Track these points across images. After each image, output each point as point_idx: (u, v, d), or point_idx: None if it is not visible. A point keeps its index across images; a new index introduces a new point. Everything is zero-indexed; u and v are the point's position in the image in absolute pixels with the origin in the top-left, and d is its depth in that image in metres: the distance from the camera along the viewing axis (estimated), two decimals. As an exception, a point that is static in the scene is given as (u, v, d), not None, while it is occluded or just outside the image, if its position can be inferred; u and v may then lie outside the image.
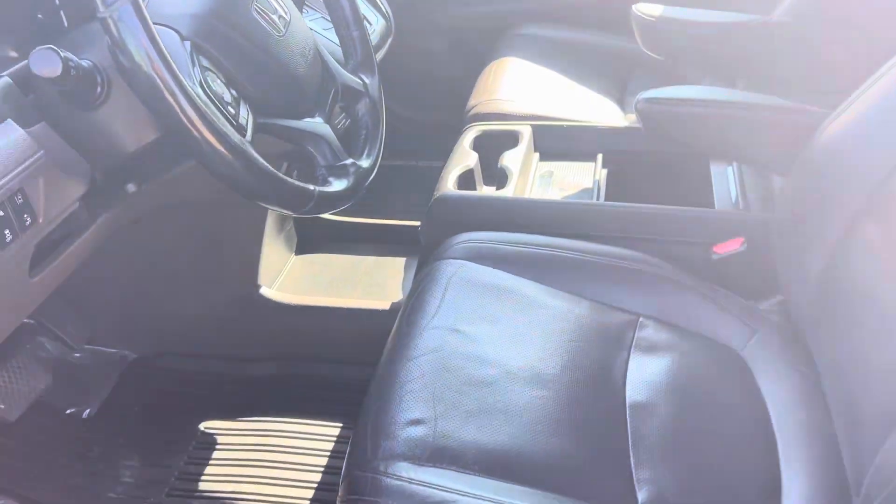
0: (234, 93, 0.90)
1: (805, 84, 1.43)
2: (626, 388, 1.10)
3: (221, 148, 0.81)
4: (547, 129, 1.63)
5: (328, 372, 1.64)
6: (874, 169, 1.02)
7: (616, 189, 1.52)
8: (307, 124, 0.99)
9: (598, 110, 1.76)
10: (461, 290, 1.20)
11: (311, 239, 1.84)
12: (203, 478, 1.45)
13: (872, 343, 0.95)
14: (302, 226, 1.83)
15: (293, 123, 0.98)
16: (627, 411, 1.06)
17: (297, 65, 0.98)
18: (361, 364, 1.58)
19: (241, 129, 0.86)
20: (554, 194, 1.52)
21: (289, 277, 1.74)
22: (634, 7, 1.60)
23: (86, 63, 0.83)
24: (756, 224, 1.30)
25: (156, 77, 0.77)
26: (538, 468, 0.96)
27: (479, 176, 1.54)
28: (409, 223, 1.86)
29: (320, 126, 1.00)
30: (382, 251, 1.83)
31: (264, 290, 1.62)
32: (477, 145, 1.60)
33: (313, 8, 1.42)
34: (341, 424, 1.53)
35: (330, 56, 1.07)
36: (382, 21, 1.57)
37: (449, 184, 1.47)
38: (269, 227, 1.62)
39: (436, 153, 2.18)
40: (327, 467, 1.46)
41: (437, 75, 2.31)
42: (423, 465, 0.94)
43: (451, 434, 0.98)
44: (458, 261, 1.25)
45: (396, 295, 1.67)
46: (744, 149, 1.25)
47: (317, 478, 1.44)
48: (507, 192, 1.46)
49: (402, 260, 1.80)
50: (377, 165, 1.09)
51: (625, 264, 1.26)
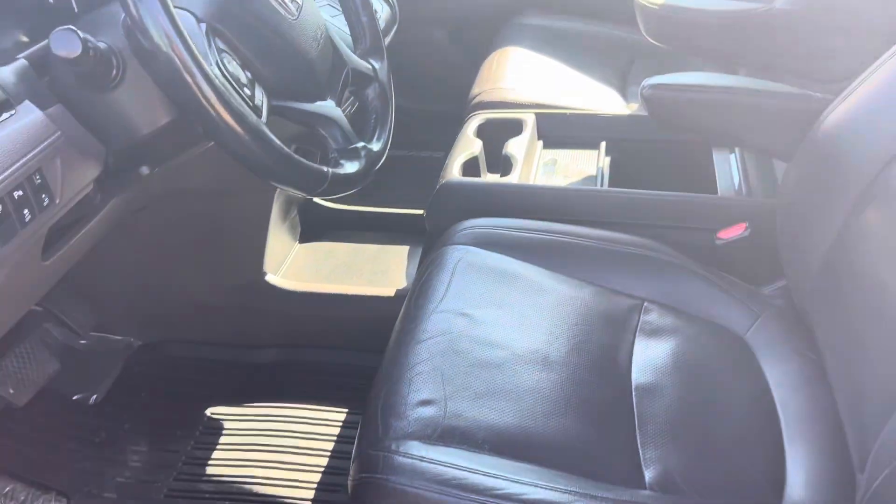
0: (249, 75, 0.91)
1: (807, 72, 1.45)
2: (632, 370, 1.11)
3: (239, 128, 0.82)
4: (550, 117, 1.64)
5: (333, 358, 1.65)
6: (876, 155, 1.04)
7: (619, 176, 1.53)
8: (319, 107, 1.00)
9: (601, 99, 1.77)
10: (468, 275, 1.21)
11: (314, 227, 1.85)
12: (210, 462, 1.46)
13: (875, 326, 0.96)
14: (305, 214, 1.84)
15: (306, 106, 0.99)
16: (633, 393, 1.08)
17: (309, 48, 0.99)
18: (367, 350, 1.59)
19: (257, 111, 0.87)
20: (558, 181, 1.54)
21: (293, 265, 1.75)
22: (637, -5, 1.61)
23: (102, 45, 0.84)
24: (759, 210, 1.31)
25: (175, 57, 0.78)
26: (547, 447, 0.98)
27: (483, 163, 1.56)
28: (412, 211, 1.88)
29: (332, 109, 1.01)
30: (385, 239, 1.84)
31: (270, 278, 1.63)
32: (481, 133, 1.61)
33: (321, -5, 1.43)
34: (347, 410, 1.54)
35: (340, 41, 1.08)
36: (388, 9, 1.58)
37: (454, 171, 1.48)
38: (273, 215, 1.63)
39: (437, 143, 2.19)
40: (334, 451, 1.47)
41: (437, 65, 2.31)
42: (434, 444, 0.95)
43: (461, 414, 0.99)
44: (465, 246, 1.27)
45: (400, 282, 1.68)
46: (748, 134, 1.27)
47: (323, 462, 1.45)
48: (511, 179, 1.47)
49: (405, 248, 1.81)
50: (387, 149, 1.10)
51: (629, 250, 1.27)
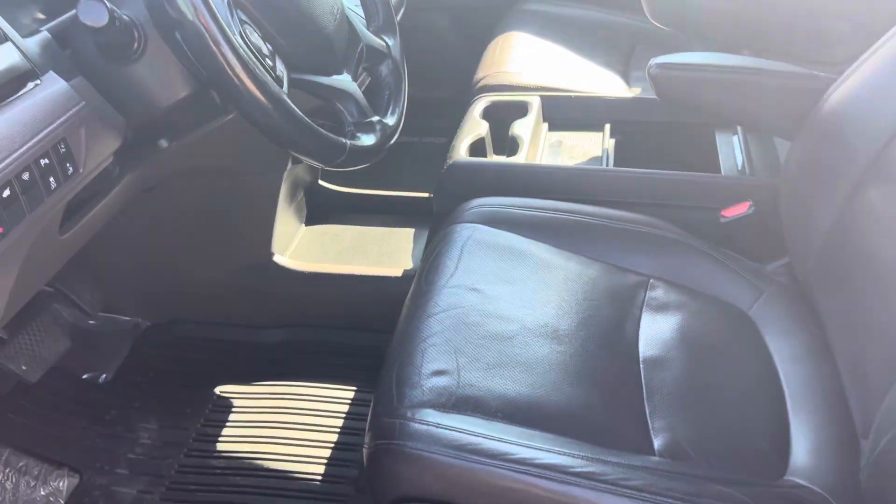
0: (270, 47, 0.92)
1: (809, 56, 1.46)
2: (639, 344, 1.13)
3: (262, 97, 0.84)
4: (555, 99, 1.66)
5: (341, 338, 1.67)
6: (877, 133, 1.06)
7: (624, 158, 1.55)
8: (336, 81, 1.02)
9: (604, 83, 1.79)
10: (477, 252, 1.23)
11: (319, 210, 1.86)
12: (221, 439, 1.48)
13: (877, 299, 0.98)
14: (311, 197, 1.85)
15: (323, 80, 1.00)
16: (641, 365, 1.10)
17: (327, 23, 1.01)
18: (374, 330, 1.62)
19: (278, 82, 0.89)
20: (564, 162, 1.55)
21: (300, 247, 1.76)
22: (643, -23, 1.62)
23: (126, 17, 0.86)
24: (763, 188, 1.33)
25: (201, 26, 0.79)
26: (558, 416, 1.00)
27: (489, 144, 1.57)
28: (416, 194, 1.89)
29: (348, 83, 1.03)
30: (390, 222, 1.85)
31: (277, 258, 1.64)
32: (487, 115, 1.63)
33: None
34: (355, 388, 1.56)
35: (356, 17, 1.10)
36: (395, -9, 1.59)
37: (461, 151, 1.50)
38: (281, 198, 1.64)
39: (439, 129, 2.21)
40: (343, 428, 1.49)
41: (440, 52, 2.32)
42: (448, 412, 0.97)
43: (474, 384, 1.01)
44: (473, 224, 1.29)
45: (407, 263, 1.70)
46: (752, 113, 1.29)
47: (333, 438, 1.47)
48: (518, 160, 1.48)
49: (410, 230, 1.83)
50: (401, 123, 1.12)
51: (635, 228, 1.29)
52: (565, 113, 1.65)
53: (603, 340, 1.12)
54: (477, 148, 1.54)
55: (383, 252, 1.76)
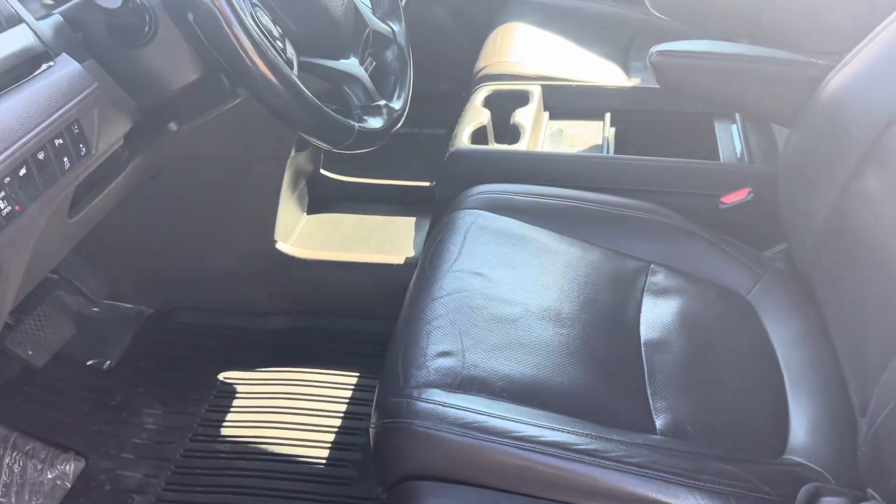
0: (280, 30, 0.94)
1: (807, 44, 1.48)
2: (641, 327, 1.15)
3: (274, 79, 0.85)
4: (556, 88, 1.68)
5: (343, 325, 1.68)
6: (875, 120, 1.07)
7: (624, 146, 1.56)
8: (343, 65, 1.03)
9: (604, 73, 1.80)
10: (480, 238, 1.25)
11: (321, 199, 1.87)
12: (225, 424, 1.50)
13: (874, 283, 1.00)
14: (312, 186, 1.86)
15: (331, 63, 1.02)
16: (642, 348, 1.11)
17: (335, 7, 1.02)
18: (376, 317, 1.63)
19: (289, 64, 0.90)
20: (565, 151, 1.57)
21: (302, 235, 1.78)
22: (643, -33, 1.64)
23: (139, 0, 0.87)
24: (762, 175, 1.35)
25: (215, 8, 0.81)
26: (561, 396, 1.01)
27: (491, 133, 1.59)
28: (417, 183, 1.91)
29: (355, 67, 1.04)
30: (391, 211, 1.87)
31: (280, 246, 1.66)
32: (488, 104, 1.64)
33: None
34: (358, 374, 1.58)
35: (361, 3, 1.11)
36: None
37: (463, 139, 1.51)
38: (284, 186, 1.66)
39: (438, 120, 2.22)
40: (346, 412, 1.50)
41: (438, 43, 2.34)
42: (454, 392, 0.98)
43: (479, 364, 1.03)
44: (476, 210, 1.30)
45: (408, 251, 1.72)
46: (751, 100, 1.30)
47: (336, 422, 1.49)
48: (520, 148, 1.50)
49: (411, 219, 1.84)
50: (407, 107, 1.13)
51: (637, 214, 1.31)
52: (566, 102, 1.67)
53: (605, 324, 1.14)
54: (479, 136, 1.55)
55: (385, 240, 1.77)
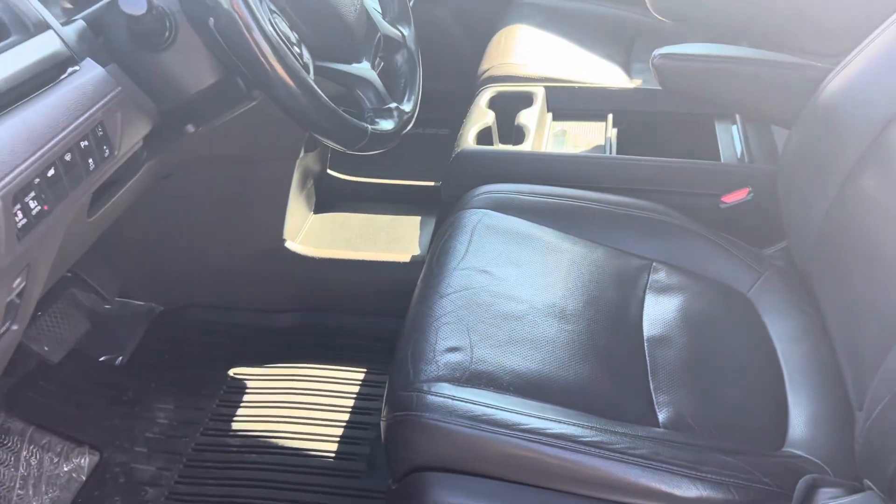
0: (297, 36, 0.97)
1: (807, 46, 1.51)
2: (643, 324, 1.18)
3: (291, 83, 0.88)
4: (560, 90, 1.71)
5: (350, 322, 1.71)
6: (873, 121, 1.10)
7: (626, 147, 1.59)
8: (356, 69, 1.06)
9: (606, 75, 1.83)
10: (486, 236, 1.27)
11: (328, 199, 1.90)
12: (236, 418, 1.53)
13: (872, 281, 1.03)
14: (320, 186, 1.89)
15: (344, 67, 1.05)
16: (645, 344, 1.14)
17: (348, 13, 1.05)
18: (382, 314, 1.66)
19: (305, 68, 0.93)
20: (569, 151, 1.60)
21: (310, 234, 1.81)
22: (645, -30, 1.66)
23: (160, 6, 0.90)
24: (762, 175, 1.38)
25: (235, 13, 0.84)
26: (567, 390, 1.04)
27: (496, 133, 1.62)
28: (423, 183, 1.94)
29: (367, 71, 1.07)
30: (397, 210, 1.90)
31: (289, 244, 1.69)
32: (492, 105, 1.67)
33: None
34: (366, 370, 1.61)
35: (372, 8, 1.14)
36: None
37: (469, 140, 1.54)
38: (293, 185, 1.69)
39: (442, 121, 2.25)
40: (355, 408, 1.53)
41: (442, 45, 2.36)
42: (462, 386, 1.01)
43: (487, 359, 1.06)
44: (482, 210, 1.33)
45: (414, 249, 1.75)
46: (751, 102, 1.33)
47: (344, 417, 1.52)
48: (524, 148, 1.53)
49: (416, 218, 1.87)
50: (417, 109, 1.16)
51: (639, 213, 1.34)
52: (569, 103, 1.70)
53: (608, 320, 1.17)
54: (484, 137, 1.58)
55: (391, 239, 1.80)
